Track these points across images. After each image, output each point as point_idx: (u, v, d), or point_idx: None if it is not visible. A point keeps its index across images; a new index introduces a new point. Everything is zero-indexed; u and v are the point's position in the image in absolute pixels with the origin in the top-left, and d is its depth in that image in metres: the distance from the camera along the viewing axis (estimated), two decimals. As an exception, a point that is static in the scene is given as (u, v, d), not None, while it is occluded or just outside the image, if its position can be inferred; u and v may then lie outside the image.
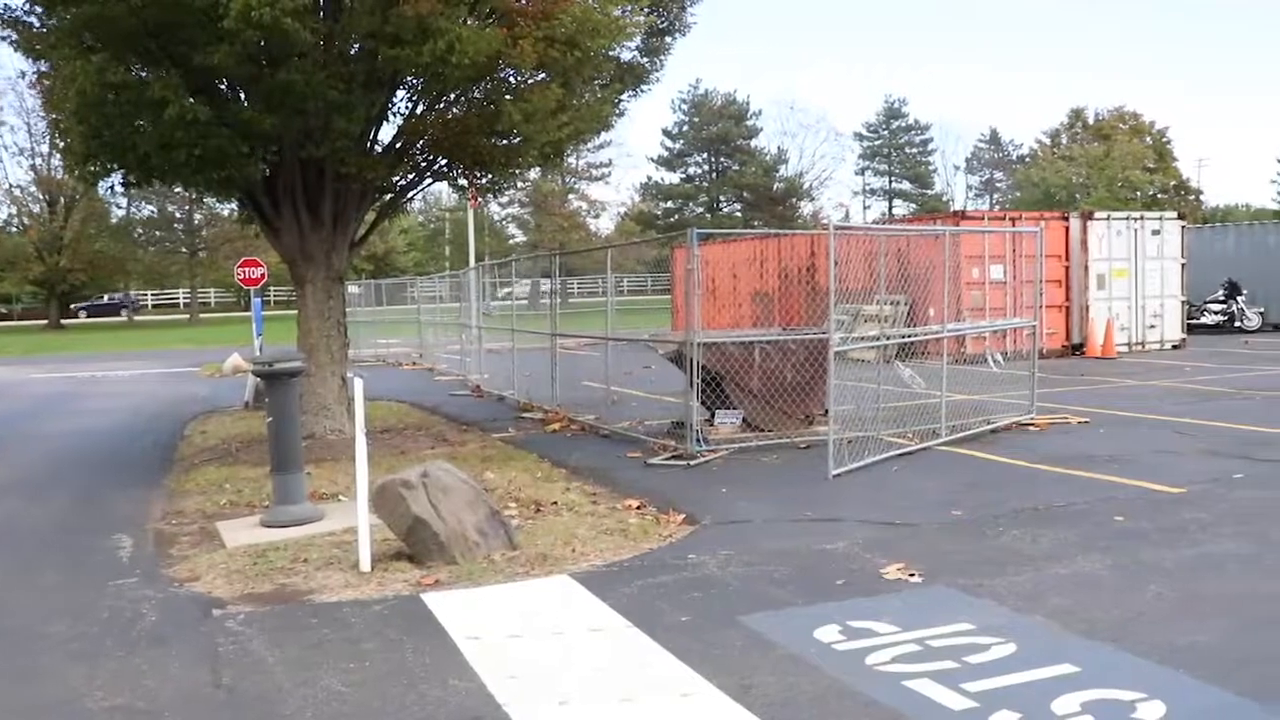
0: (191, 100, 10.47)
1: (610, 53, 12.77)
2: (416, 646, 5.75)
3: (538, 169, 20.90)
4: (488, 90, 12.21)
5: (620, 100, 14.64)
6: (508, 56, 10.93)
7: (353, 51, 11.49)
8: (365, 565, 7.26)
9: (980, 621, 5.89)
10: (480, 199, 28.64)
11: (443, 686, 5.18)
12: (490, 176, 13.99)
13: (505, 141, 12.57)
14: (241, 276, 20.88)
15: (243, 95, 11.69)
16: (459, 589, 6.86)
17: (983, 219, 26.72)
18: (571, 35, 11.18)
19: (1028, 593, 6.43)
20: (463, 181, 14.42)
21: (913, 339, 12.93)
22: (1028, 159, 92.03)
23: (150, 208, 67.61)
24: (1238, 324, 29.22)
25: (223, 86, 11.74)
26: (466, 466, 10.18)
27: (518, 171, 14.56)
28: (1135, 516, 8.29)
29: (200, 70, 10.62)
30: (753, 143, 77.03)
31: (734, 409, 12.40)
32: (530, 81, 11.99)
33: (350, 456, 8.45)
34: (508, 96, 11.81)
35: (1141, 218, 25.12)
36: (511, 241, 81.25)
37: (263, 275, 20.89)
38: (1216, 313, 29.47)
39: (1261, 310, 29.71)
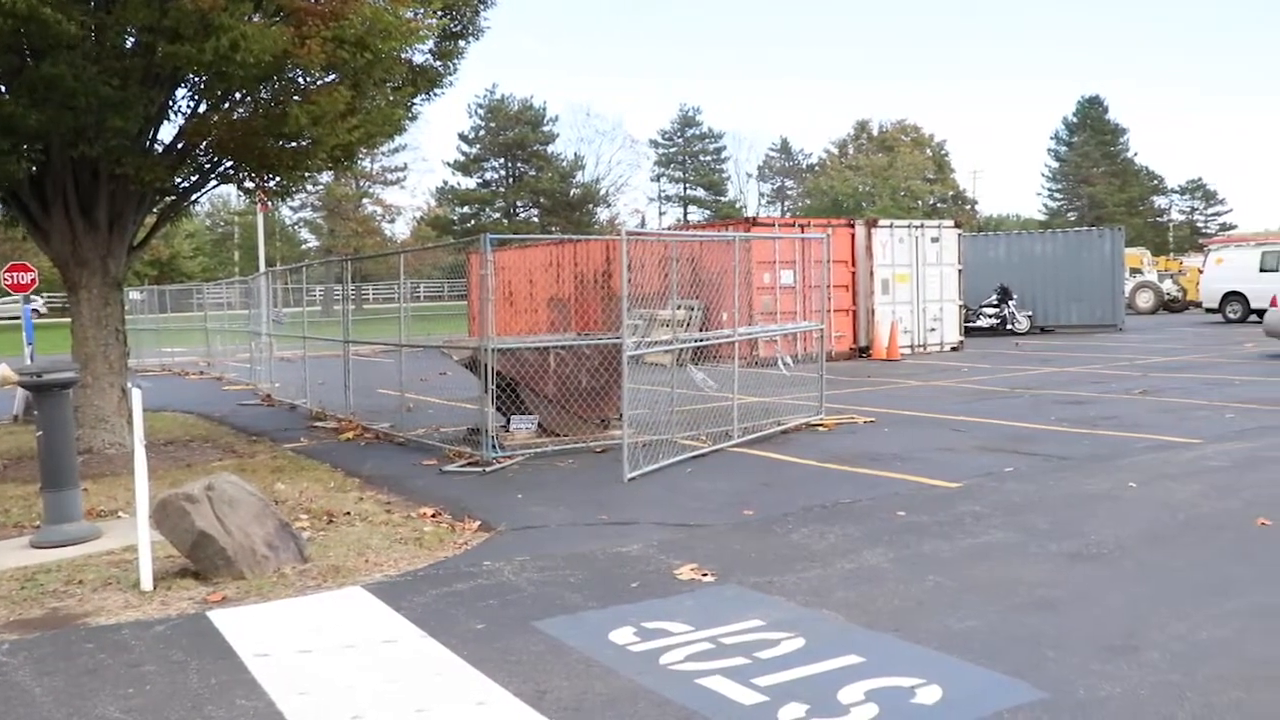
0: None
1: (402, 55, 12.59)
2: (202, 667, 5.53)
3: (329, 172, 20.41)
4: (274, 91, 11.87)
5: (413, 104, 14.44)
6: (295, 56, 10.64)
7: (128, 45, 10.99)
8: (146, 584, 6.95)
9: (770, 617, 6.06)
10: (269, 203, 27.85)
11: (229, 707, 5.00)
12: (279, 180, 13.60)
13: (293, 144, 12.24)
14: (8, 282, 19.66)
15: (3, 88, 11.00)
16: (247, 605, 6.64)
17: (773, 225, 27.52)
18: (361, 36, 10.96)
19: (815, 588, 6.64)
20: (250, 184, 13.98)
21: (705, 343, 13.19)
22: (817, 168, 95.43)
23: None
24: (1010, 327, 30.98)
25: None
26: (256, 478, 9.89)
27: (307, 175, 14.20)
28: (916, 511, 8.67)
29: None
30: (549, 148, 77.28)
31: (529, 414, 12.40)
32: (319, 83, 11.72)
33: (131, 471, 8.07)
34: (295, 98, 11.51)
35: (922, 226, 26.29)
36: (304, 246, 79.19)
37: (33, 281, 19.74)
38: (991, 316, 31.17)
39: (1030, 314, 31.60)
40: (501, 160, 76.70)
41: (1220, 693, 4.86)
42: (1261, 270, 32.71)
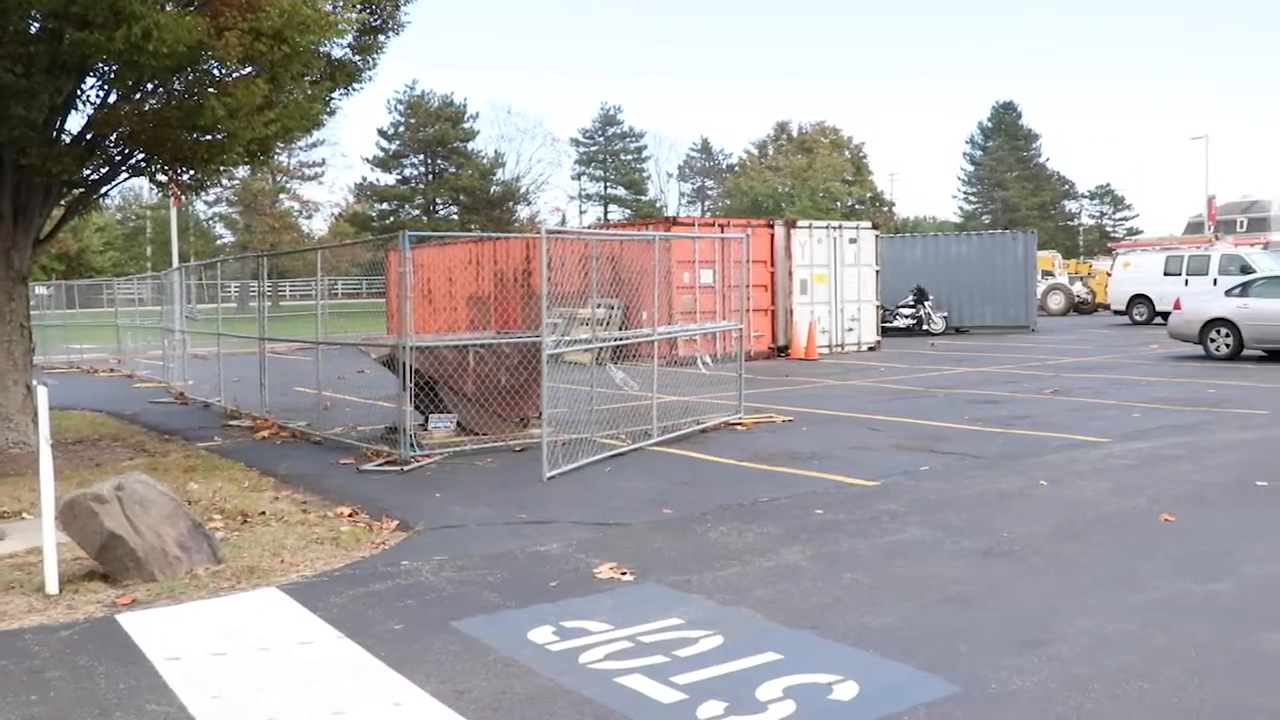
0: None
1: (320, 49, 12.40)
2: (110, 672, 5.40)
3: (245, 167, 20.08)
4: (189, 82, 11.61)
5: (331, 98, 14.22)
6: (211, 48, 10.43)
7: (33, 31, 10.67)
8: (52, 587, 6.77)
9: (689, 616, 6.08)
10: (183, 197, 27.30)
11: (138, 712, 4.89)
12: (193, 173, 13.31)
13: (208, 137, 11.97)
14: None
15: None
16: (158, 607, 6.50)
17: (693, 225, 27.62)
18: (279, 28, 10.77)
19: (734, 586, 6.68)
20: (163, 178, 13.66)
21: (624, 342, 13.20)
22: (737, 168, 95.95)
23: None
24: (925, 327, 31.45)
25: None
26: (168, 477, 9.70)
27: (223, 169, 13.91)
28: (834, 509, 8.76)
29: None
30: (470, 145, 76.62)
31: (448, 413, 12.31)
32: (235, 75, 11.49)
33: (36, 471, 7.85)
34: (210, 90, 11.26)
35: (840, 227, 26.57)
36: (219, 242, 77.82)
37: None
38: (907, 316, 31.62)
39: (945, 314, 32.12)
40: (421, 157, 75.95)
41: (1125, 683, 4.99)
42: (1166, 274, 33.56)
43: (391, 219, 71.97)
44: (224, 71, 11.51)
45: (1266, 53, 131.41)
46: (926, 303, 31.70)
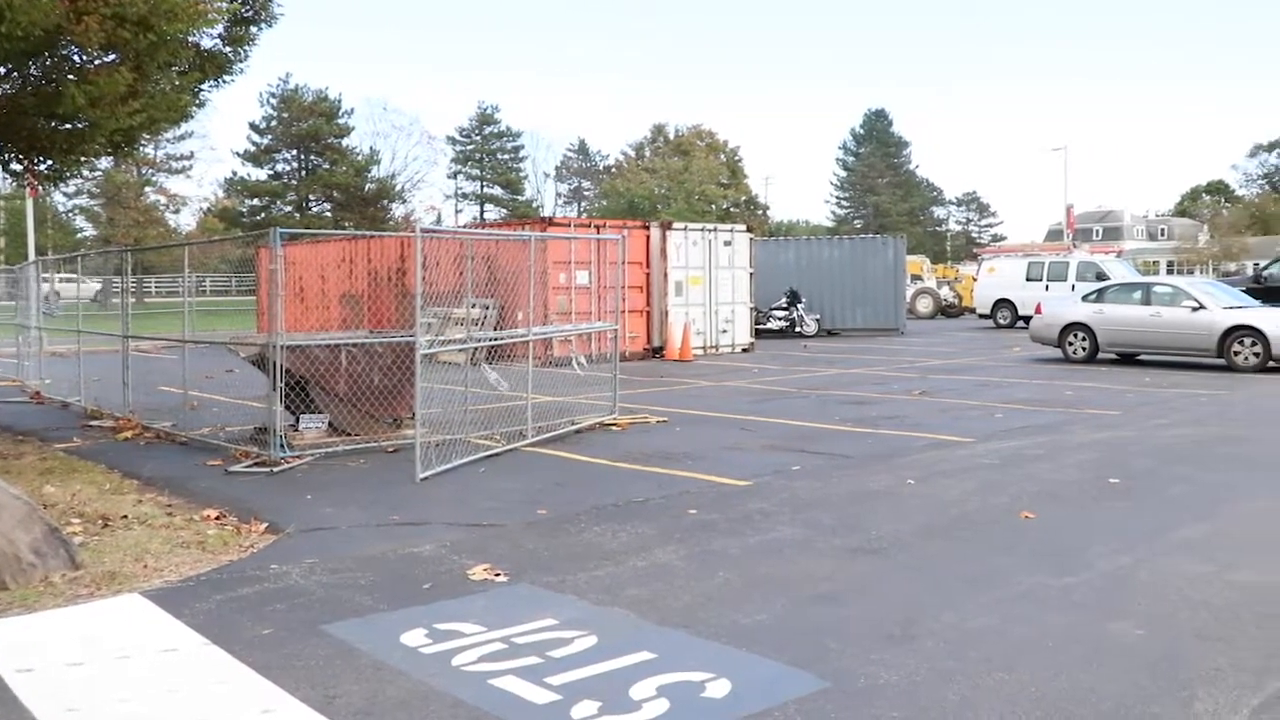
0: None
1: (189, 38, 12.07)
2: (-44, 683, 5.18)
3: (108, 158, 19.44)
4: (47, 68, 11.21)
5: (201, 90, 13.86)
6: (70, 32, 10.06)
7: None
8: (-106, 595, 6.47)
9: (563, 616, 6.08)
10: (40, 188, 26.32)
11: (-12, 724, 4.71)
12: (51, 163, 12.85)
13: (68, 126, 11.59)
14: None
15: None
16: (10, 617, 6.25)
17: (569, 226, 27.63)
18: (144, 15, 10.45)
19: (608, 586, 6.70)
20: (17, 167, 13.16)
21: (499, 342, 13.14)
22: (614, 169, 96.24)
23: None
24: (798, 329, 31.95)
25: None
26: (22, 480, 9.34)
27: (84, 160, 13.47)
28: (707, 509, 8.85)
29: None
30: (344, 142, 75.26)
31: (320, 413, 12.09)
32: (97, 62, 11.12)
33: (-123, 473, 7.50)
34: (70, 77, 10.89)
35: (715, 229, 26.83)
36: (80, 235, 75.13)
37: None
38: (780, 319, 32.09)
39: (818, 316, 32.69)
40: (294, 152, 74.34)
41: (987, 675, 5.15)
42: (1028, 280, 34.70)
43: (263, 215, 70.30)
44: (85, 58, 11.14)
45: (1120, 70, 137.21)
46: (800, 305, 32.21)
